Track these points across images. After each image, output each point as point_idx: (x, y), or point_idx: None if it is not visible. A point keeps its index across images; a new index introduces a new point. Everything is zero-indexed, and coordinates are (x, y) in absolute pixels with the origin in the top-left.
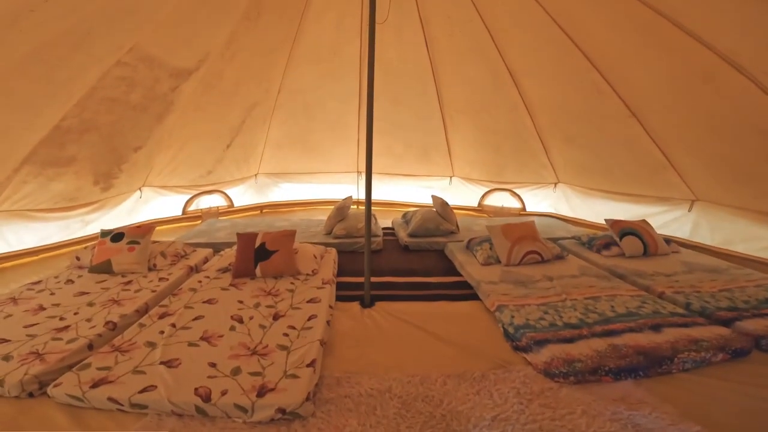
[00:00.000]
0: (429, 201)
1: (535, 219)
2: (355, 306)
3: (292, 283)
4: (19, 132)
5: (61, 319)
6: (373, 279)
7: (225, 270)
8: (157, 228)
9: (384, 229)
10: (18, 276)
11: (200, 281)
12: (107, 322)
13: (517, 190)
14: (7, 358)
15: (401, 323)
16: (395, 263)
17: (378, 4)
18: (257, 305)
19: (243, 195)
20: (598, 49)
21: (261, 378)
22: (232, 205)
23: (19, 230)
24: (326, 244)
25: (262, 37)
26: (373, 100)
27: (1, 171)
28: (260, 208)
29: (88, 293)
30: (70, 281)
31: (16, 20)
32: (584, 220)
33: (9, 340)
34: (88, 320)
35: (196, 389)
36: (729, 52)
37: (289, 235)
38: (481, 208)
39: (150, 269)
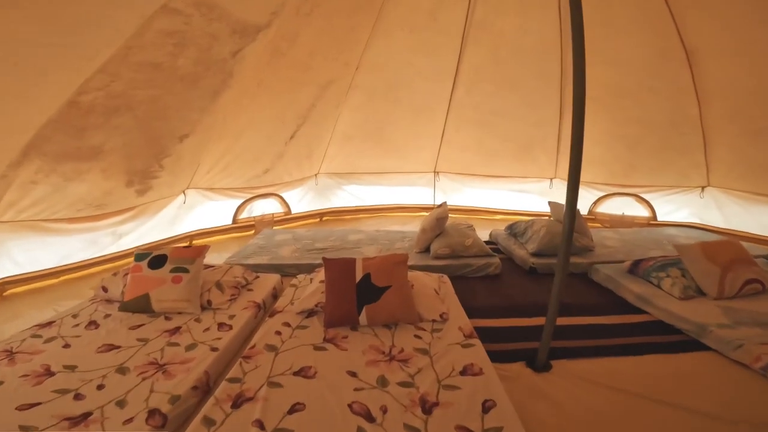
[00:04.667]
0: (521, 207)
1: (674, 230)
2: (521, 369)
3: (417, 336)
4: (20, 102)
5: (77, 397)
6: (515, 322)
7: (310, 313)
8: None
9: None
10: (26, 307)
11: (279, 332)
12: (150, 412)
13: (645, 195)
14: None
15: (622, 396)
16: (530, 295)
17: None
18: (382, 381)
19: (301, 200)
20: None
21: None
22: (289, 211)
23: (31, 246)
24: (424, 268)
25: None
26: (584, 102)
27: None
28: (320, 215)
29: (118, 348)
30: (93, 324)
31: None
32: (744, 232)
33: None
34: (119, 404)
35: None
36: None
37: (401, 262)
38: (593, 216)
39: (203, 308)
